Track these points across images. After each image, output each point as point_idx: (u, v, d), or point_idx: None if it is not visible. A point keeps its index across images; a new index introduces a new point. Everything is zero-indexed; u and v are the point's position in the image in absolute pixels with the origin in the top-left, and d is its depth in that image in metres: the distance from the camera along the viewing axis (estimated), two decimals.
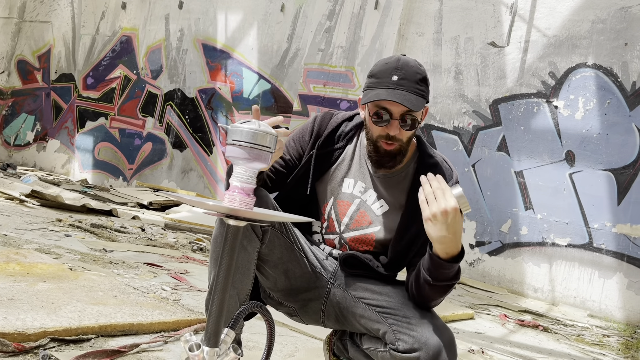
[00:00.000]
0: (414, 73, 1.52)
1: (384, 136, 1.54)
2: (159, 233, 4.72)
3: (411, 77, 1.51)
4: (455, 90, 6.12)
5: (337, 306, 1.63)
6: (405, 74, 1.51)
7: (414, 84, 1.50)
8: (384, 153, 1.57)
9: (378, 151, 1.57)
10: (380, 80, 1.52)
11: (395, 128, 1.52)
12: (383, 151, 1.57)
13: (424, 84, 1.53)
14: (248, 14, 7.85)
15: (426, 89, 1.54)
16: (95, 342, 1.89)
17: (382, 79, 1.51)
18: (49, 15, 10.15)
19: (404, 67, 1.52)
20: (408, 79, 1.50)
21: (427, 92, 1.55)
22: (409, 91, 1.49)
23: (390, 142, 1.55)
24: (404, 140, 1.56)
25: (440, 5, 6.33)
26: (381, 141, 1.55)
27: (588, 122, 5.35)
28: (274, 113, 7.42)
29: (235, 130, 1.08)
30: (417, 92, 1.50)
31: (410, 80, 1.50)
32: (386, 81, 1.50)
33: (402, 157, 1.59)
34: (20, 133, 10.13)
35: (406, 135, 1.56)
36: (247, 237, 1.51)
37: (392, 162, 1.59)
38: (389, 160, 1.58)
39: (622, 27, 5.32)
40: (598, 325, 4.61)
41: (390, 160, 1.58)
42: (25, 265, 2.53)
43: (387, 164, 1.59)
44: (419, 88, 1.51)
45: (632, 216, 5.05)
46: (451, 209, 1.36)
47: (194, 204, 1.09)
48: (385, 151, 1.56)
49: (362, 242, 1.66)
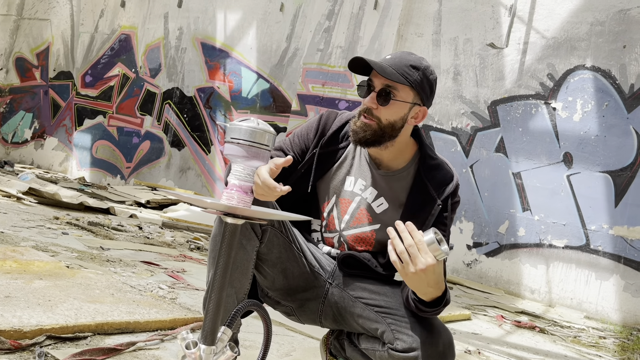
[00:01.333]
0: (408, 59, 1.54)
1: (363, 109, 1.56)
2: (156, 231, 4.71)
3: (402, 60, 1.53)
4: (454, 91, 6.13)
5: (335, 306, 1.63)
6: (399, 57, 1.54)
7: (402, 65, 1.52)
8: (360, 125, 1.55)
9: (356, 122, 1.57)
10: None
11: (372, 100, 1.53)
12: (360, 123, 1.56)
13: (416, 70, 1.53)
14: (247, 13, 7.84)
15: (416, 76, 1.53)
16: (92, 340, 1.88)
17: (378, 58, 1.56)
18: (48, 12, 10.13)
19: (403, 53, 1.56)
20: (399, 60, 1.53)
21: (415, 79, 1.53)
22: (391, 66, 1.51)
23: (367, 115, 1.55)
24: (382, 121, 1.54)
25: (439, 6, 6.33)
26: (362, 114, 1.56)
27: (586, 124, 5.36)
28: (272, 112, 7.42)
29: (233, 128, 1.08)
30: (400, 70, 1.51)
31: (400, 61, 1.53)
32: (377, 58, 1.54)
33: (377, 138, 1.55)
34: (18, 130, 10.11)
35: (384, 114, 1.54)
36: (246, 236, 1.51)
37: (363, 136, 1.55)
38: (360, 132, 1.55)
39: (621, 30, 5.33)
40: (594, 326, 4.62)
41: (362, 132, 1.55)
42: (22, 263, 2.53)
43: (358, 135, 1.56)
44: (404, 69, 1.52)
45: (629, 218, 5.06)
46: (429, 267, 1.28)
47: (192, 201, 1.09)
48: (362, 123, 1.55)
49: (362, 241, 1.65)
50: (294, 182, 1.67)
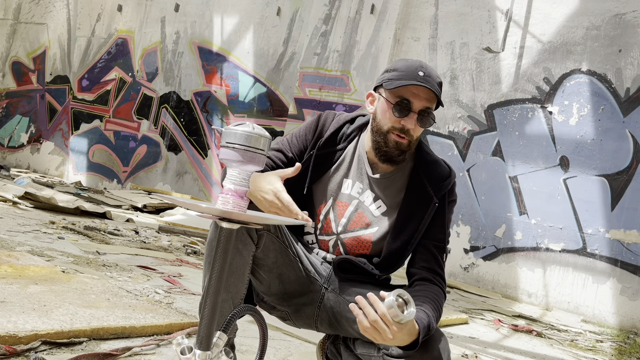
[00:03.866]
0: (436, 76, 1.56)
1: (398, 128, 1.54)
2: (152, 236, 4.70)
3: (434, 78, 1.54)
4: (451, 95, 6.14)
5: (330, 311, 1.62)
6: (430, 73, 1.54)
7: (437, 85, 1.54)
8: (394, 145, 1.55)
9: (388, 144, 1.56)
10: (406, 73, 1.53)
11: (413, 121, 1.53)
12: (393, 143, 1.55)
13: (440, 88, 1.57)
14: (244, 17, 7.85)
15: (440, 93, 1.57)
16: (87, 345, 1.87)
17: (408, 72, 1.53)
18: (45, 17, 10.12)
19: (428, 68, 1.56)
20: (432, 78, 1.53)
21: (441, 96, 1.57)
22: (433, 88, 1.52)
23: (402, 135, 1.54)
24: (414, 138, 1.56)
25: (435, 10, 6.35)
26: (394, 133, 1.55)
27: (582, 128, 5.38)
28: (269, 116, 7.43)
29: (228, 132, 1.08)
30: (437, 92, 1.53)
31: (434, 79, 1.54)
32: (413, 75, 1.52)
33: (408, 155, 1.59)
34: (14, 135, 10.09)
35: (418, 132, 1.56)
36: (243, 241, 1.51)
37: (402, 157, 1.57)
38: (399, 154, 1.56)
39: (616, 34, 5.35)
40: (591, 330, 4.62)
41: (400, 154, 1.57)
42: (17, 268, 2.52)
43: (396, 157, 1.57)
44: (438, 90, 1.54)
45: (625, 222, 5.07)
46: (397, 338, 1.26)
47: (188, 206, 1.09)
48: (396, 143, 1.55)
49: (359, 245, 1.64)
50: (290, 183, 1.66)
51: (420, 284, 1.56)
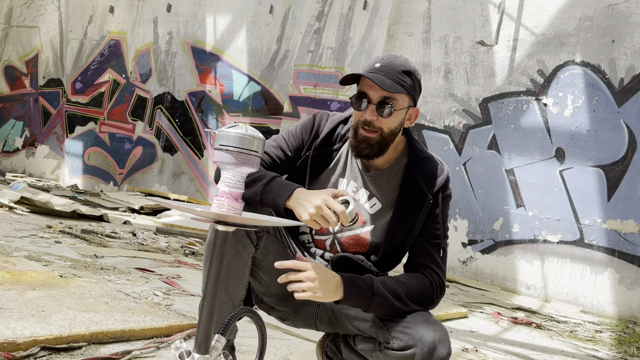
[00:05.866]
0: (398, 65, 1.54)
1: (362, 121, 1.55)
2: (150, 238, 4.69)
3: (393, 67, 1.53)
4: (445, 89, 6.14)
5: (330, 309, 1.62)
6: (389, 63, 1.53)
7: (396, 73, 1.52)
8: (362, 139, 1.55)
9: (356, 137, 1.57)
10: (364, 69, 1.56)
11: (372, 113, 1.53)
12: (361, 137, 1.56)
13: (408, 76, 1.54)
14: (237, 16, 7.83)
15: (409, 82, 1.54)
16: (87, 350, 1.87)
17: (367, 66, 1.55)
18: (36, 20, 10.08)
19: (390, 58, 1.55)
20: (390, 67, 1.52)
21: (410, 84, 1.54)
22: (387, 77, 1.50)
23: (368, 128, 1.54)
24: (384, 130, 1.55)
25: (428, 5, 6.34)
26: (360, 127, 1.56)
27: (577, 119, 5.39)
28: (264, 115, 7.42)
29: (222, 135, 1.08)
30: (396, 79, 1.51)
31: (391, 68, 1.52)
32: (368, 68, 1.54)
33: (381, 148, 1.57)
34: (8, 139, 10.05)
35: (385, 123, 1.54)
36: (242, 242, 1.51)
37: (370, 151, 1.56)
38: (365, 148, 1.56)
39: (609, 25, 5.36)
40: (591, 321, 4.63)
41: (367, 147, 1.56)
42: (14, 274, 2.51)
43: (363, 151, 1.56)
44: (399, 77, 1.52)
45: (622, 212, 5.09)
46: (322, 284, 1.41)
47: (183, 210, 1.08)
48: (363, 137, 1.55)
49: (356, 244, 1.65)
50: None
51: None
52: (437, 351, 1.39)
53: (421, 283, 1.53)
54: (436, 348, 1.39)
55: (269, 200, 1.47)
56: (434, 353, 1.39)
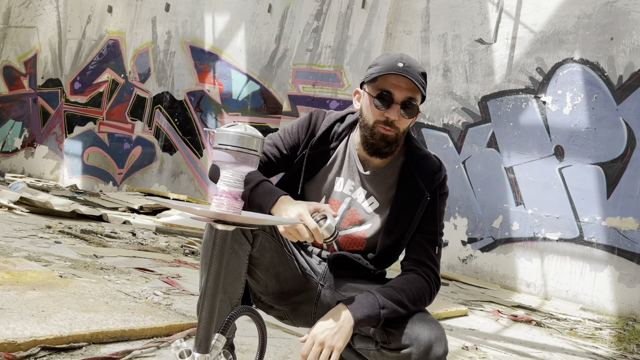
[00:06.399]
0: (417, 66, 1.54)
1: (382, 121, 1.54)
2: (150, 237, 4.69)
3: (415, 68, 1.53)
4: (444, 87, 6.14)
5: (327, 307, 1.62)
6: (410, 64, 1.53)
7: (417, 74, 1.52)
8: (381, 137, 1.55)
9: (374, 136, 1.56)
10: (385, 66, 1.52)
11: (396, 113, 1.52)
12: (380, 135, 1.55)
13: (424, 78, 1.55)
14: (235, 15, 7.82)
15: (425, 85, 1.56)
16: (87, 350, 1.87)
17: (388, 64, 1.52)
18: (35, 20, 10.07)
19: (409, 59, 1.55)
20: (412, 68, 1.52)
21: (425, 87, 1.56)
22: (413, 78, 1.50)
23: (388, 127, 1.54)
24: (401, 130, 1.56)
25: (427, 3, 6.34)
26: (379, 126, 1.54)
27: (576, 117, 5.39)
28: (263, 114, 7.41)
29: (221, 134, 1.08)
30: (418, 80, 1.52)
31: (414, 69, 1.52)
32: (392, 66, 1.51)
33: (395, 148, 1.59)
34: (7, 140, 10.04)
35: (404, 123, 1.55)
36: (238, 241, 1.50)
37: (388, 149, 1.57)
38: (385, 146, 1.56)
39: (608, 22, 5.36)
40: (590, 318, 4.64)
41: (387, 146, 1.56)
42: (14, 274, 2.51)
43: (383, 149, 1.56)
44: (421, 80, 1.53)
45: (621, 209, 5.09)
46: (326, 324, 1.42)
47: (182, 209, 1.08)
48: (382, 135, 1.55)
49: (353, 242, 1.65)
50: (284, 183, 1.67)
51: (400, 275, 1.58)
52: (434, 350, 1.39)
53: (420, 286, 1.53)
54: (432, 347, 1.39)
55: (255, 205, 1.49)
56: (430, 352, 1.39)
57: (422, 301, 1.52)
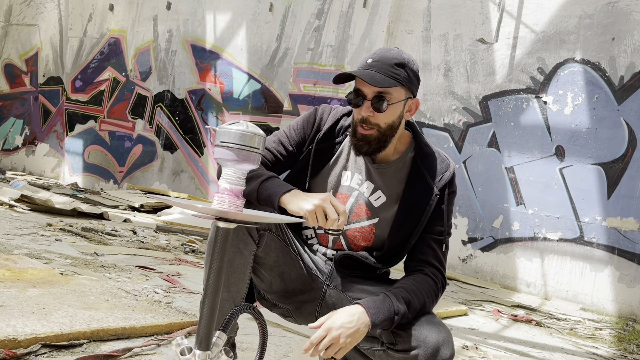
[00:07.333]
0: (390, 58, 1.52)
1: (359, 119, 1.55)
2: (150, 235, 4.69)
3: (385, 61, 1.51)
4: (445, 87, 6.14)
5: (332, 307, 1.62)
6: (381, 57, 1.52)
7: (388, 67, 1.50)
8: (360, 137, 1.55)
9: (355, 135, 1.57)
10: (358, 65, 1.56)
11: (367, 109, 1.52)
12: (360, 135, 1.55)
13: (401, 68, 1.52)
14: (236, 14, 7.82)
15: (403, 73, 1.52)
16: (88, 347, 1.87)
17: (360, 63, 1.55)
18: (36, 18, 10.07)
19: (382, 52, 1.54)
20: (382, 61, 1.51)
21: (404, 76, 1.52)
22: (379, 72, 1.49)
23: (366, 125, 1.54)
24: (381, 125, 1.54)
25: (428, 2, 6.34)
26: (359, 125, 1.55)
27: (577, 117, 5.38)
28: (264, 113, 7.41)
29: (222, 131, 1.08)
30: (387, 73, 1.49)
31: (383, 62, 1.51)
32: (361, 64, 1.54)
33: (381, 144, 1.56)
34: (8, 137, 10.05)
35: (382, 119, 1.53)
36: (244, 240, 1.50)
37: (368, 148, 1.56)
38: (364, 145, 1.55)
39: (609, 22, 5.35)
40: (590, 318, 4.64)
41: (366, 145, 1.55)
42: (15, 271, 2.51)
43: (362, 149, 1.56)
44: (392, 70, 1.50)
45: (622, 209, 5.09)
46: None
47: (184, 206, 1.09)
48: (362, 135, 1.54)
49: (362, 237, 1.64)
50: (291, 178, 1.66)
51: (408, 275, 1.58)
52: (441, 353, 1.38)
53: (429, 287, 1.53)
54: (440, 350, 1.39)
55: (264, 197, 1.47)
56: (437, 355, 1.38)
57: (430, 303, 1.52)
